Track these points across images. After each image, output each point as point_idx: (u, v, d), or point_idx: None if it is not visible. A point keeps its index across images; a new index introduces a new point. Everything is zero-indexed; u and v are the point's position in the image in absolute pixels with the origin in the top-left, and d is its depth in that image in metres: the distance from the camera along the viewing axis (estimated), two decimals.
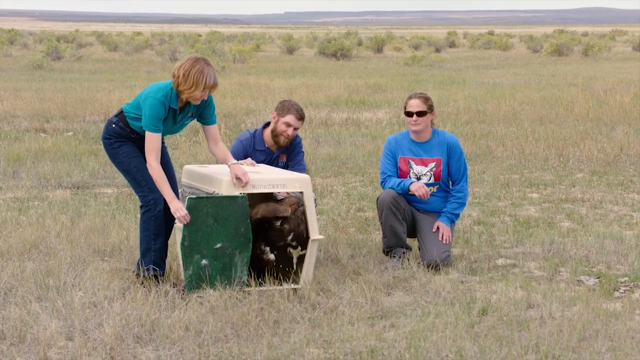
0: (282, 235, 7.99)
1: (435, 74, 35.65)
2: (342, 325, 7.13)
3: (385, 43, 66.71)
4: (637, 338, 6.86)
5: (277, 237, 7.96)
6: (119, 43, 67.31)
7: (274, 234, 7.95)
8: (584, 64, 44.60)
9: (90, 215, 10.60)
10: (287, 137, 9.05)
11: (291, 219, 7.94)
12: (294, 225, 7.98)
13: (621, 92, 25.14)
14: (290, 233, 7.94)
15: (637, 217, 11.21)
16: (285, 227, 7.79)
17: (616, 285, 8.35)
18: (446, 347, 6.64)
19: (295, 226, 7.96)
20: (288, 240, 8.00)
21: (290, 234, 7.95)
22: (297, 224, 7.97)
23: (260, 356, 6.44)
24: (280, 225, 7.77)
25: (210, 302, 7.47)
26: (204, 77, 7.76)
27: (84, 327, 6.97)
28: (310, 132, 18.14)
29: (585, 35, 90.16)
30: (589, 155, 15.48)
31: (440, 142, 9.29)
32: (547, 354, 6.53)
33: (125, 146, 8.07)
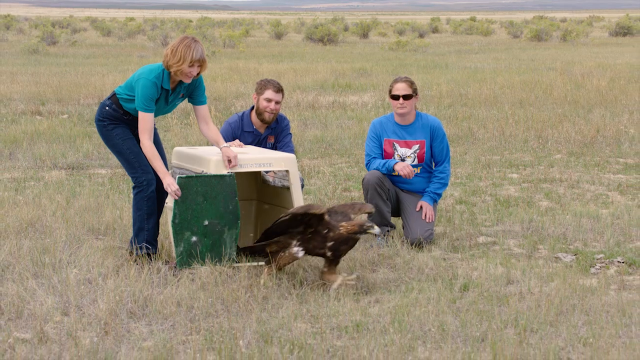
0: (324, 243, 7.62)
1: (419, 59, 35.62)
2: (329, 300, 7.15)
3: (370, 29, 66.58)
4: (612, 312, 6.89)
5: (318, 242, 7.62)
6: (112, 28, 67.12)
7: (316, 239, 7.61)
8: (562, 49, 44.61)
9: (84, 195, 10.60)
10: (271, 111, 9.08)
11: (341, 235, 7.60)
12: (338, 241, 7.63)
13: (598, 76, 25.15)
14: (329, 242, 7.60)
15: (612, 197, 11.24)
16: (329, 235, 7.64)
17: (592, 261, 8.38)
18: (429, 321, 6.66)
19: (338, 243, 7.63)
20: (325, 250, 7.65)
21: (329, 243, 7.61)
22: (341, 241, 7.63)
23: (250, 331, 6.45)
24: (326, 233, 7.64)
25: (201, 278, 7.48)
26: (191, 51, 7.79)
27: (79, 303, 6.98)
28: (297, 115, 18.14)
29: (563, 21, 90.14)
30: (566, 137, 15.50)
31: (423, 125, 9.30)
32: (525, 327, 6.55)
33: (119, 128, 8.09)
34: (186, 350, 6.11)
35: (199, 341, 6.28)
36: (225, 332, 6.42)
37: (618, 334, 6.44)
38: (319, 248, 7.53)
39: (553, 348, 6.15)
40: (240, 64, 30.08)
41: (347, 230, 7.44)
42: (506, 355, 5.96)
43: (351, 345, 6.18)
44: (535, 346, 6.21)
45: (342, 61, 33.20)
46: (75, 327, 6.49)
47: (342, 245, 7.53)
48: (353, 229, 7.46)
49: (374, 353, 6.01)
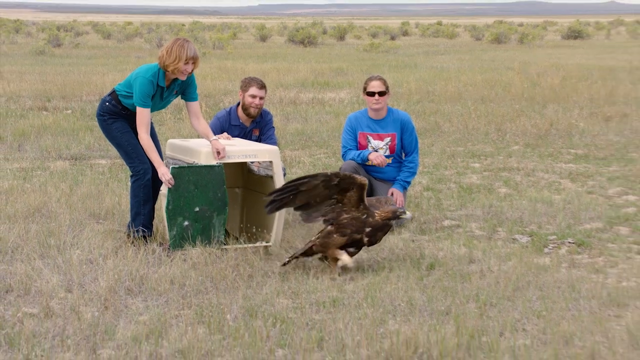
0: (363, 229, 7.47)
1: (391, 59, 35.62)
2: (308, 278, 7.15)
3: (346, 32, 66.59)
4: (563, 288, 6.91)
5: (357, 228, 7.47)
6: (112, 32, 66.86)
7: (355, 224, 7.44)
8: (519, 50, 44.66)
9: (86, 183, 10.56)
10: (256, 106, 9.10)
11: (377, 222, 7.50)
12: (375, 227, 7.50)
13: (552, 75, 25.19)
14: (367, 228, 7.47)
15: (564, 184, 11.27)
16: (368, 221, 7.56)
17: (546, 242, 8.40)
18: (398, 297, 6.67)
19: (375, 230, 7.49)
20: (362, 235, 7.50)
21: (367, 229, 7.47)
22: (377, 228, 7.51)
23: (236, 306, 6.45)
24: (365, 219, 7.56)
25: (192, 259, 7.48)
26: (185, 50, 7.82)
27: (81, 281, 6.96)
28: (280, 110, 18.13)
29: (521, 25, 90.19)
30: (523, 130, 15.54)
31: (394, 119, 9.32)
32: (485, 302, 6.57)
33: (118, 122, 8.08)
34: (178, 324, 6.10)
35: (190, 315, 6.28)
36: (214, 307, 6.42)
37: (568, 307, 6.46)
38: (356, 232, 7.41)
39: (510, 320, 6.18)
40: (228, 64, 30.02)
41: (381, 217, 7.43)
42: (468, 327, 5.97)
43: (328, 319, 6.18)
44: (494, 318, 6.23)
45: (321, 61, 33.17)
46: (78, 302, 6.48)
47: (378, 232, 7.49)
48: (387, 215, 7.45)
49: (349, 326, 6.02)
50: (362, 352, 5.58)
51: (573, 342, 5.78)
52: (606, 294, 6.74)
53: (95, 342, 5.77)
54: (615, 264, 7.75)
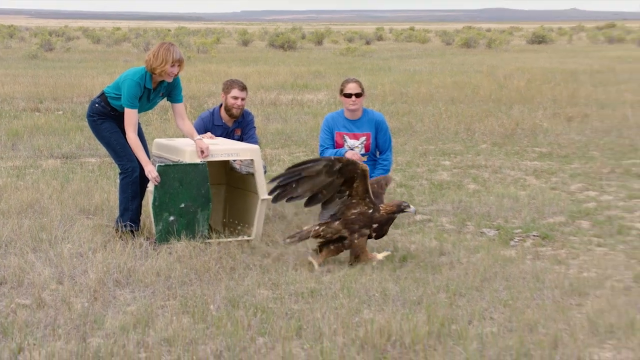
0: (370, 224, 7.39)
1: (366, 63, 35.64)
2: (288, 270, 7.14)
3: (324, 37, 66.52)
4: (528, 278, 6.93)
5: (364, 223, 7.36)
6: (101, 37, 66.64)
7: (363, 219, 7.35)
8: (487, 54, 44.79)
9: (77, 181, 10.53)
10: (238, 107, 9.11)
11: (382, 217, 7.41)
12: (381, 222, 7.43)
13: (518, 78, 25.27)
14: (374, 224, 7.40)
15: (529, 180, 11.31)
16: (375, 216, 7.49)
17: (512, 235, 8.42)
18: (373, 287, 6.68)
19: (381, 225, 7.43)
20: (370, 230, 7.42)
21: (374, 225, 7.41)
22: (384, 222, 7.45)
23: (219, 297, 6.43)
24: (372, 213, 7.49)
25: (177, 252, 7.46)
26: (171, 53, 7.84)
27: (72, 273, 6.94)
28: (261, 111, 18.12)
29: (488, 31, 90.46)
30: (491, 130, 15.58)
31: (369, 119, 9.32)
32: (455, 292, 6.58)
33: (107, 123, 8.06)
34: (164, 314, 6.09)
35: (176, 306, 6.26)
36: (198, 298, 6.41)
37: (532, 297, 6.48)
38: (364, 227, 7.34)
39: (478, 309, 6.19)
40: (212, 67, 29.97)
41: (386, 211, 7.38)
42: (438, 315, 5.98)
43: (306, 309, 6.18)
44: (463, 307, 6.24)
45: (299, 65, 33.15)
46: (69, 294, 6.46)
47: (384, 226, 7.44)
48: (392, 209, 7.40)
49: (326, 315, 6.02)
50: (339, 339, 5.58)
51: (537, 329, 5.80)
52: (568, 284, 6.77)
53: (85, 331, 5.76)
54: (576, 256, 7.78)
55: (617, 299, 6.43)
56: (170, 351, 5.41)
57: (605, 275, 7.10)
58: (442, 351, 5.42)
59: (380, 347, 5.47)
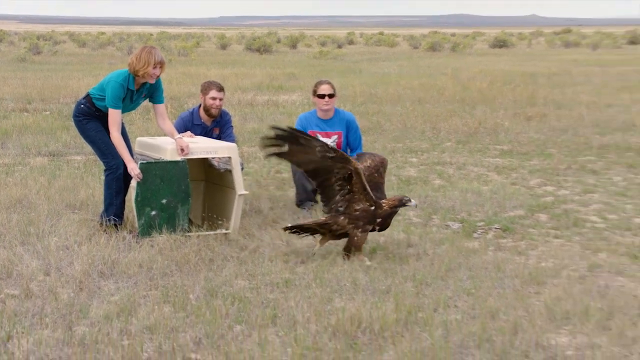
0: (374, 219, 7.30)
1: (338, 65, 35.64)
2: (263, 262, 7.13)
3: (298, 41, 66.50)
4: (490, 268, 6.96)
5: (368, 219, 7.27)
6: (87, 41, 66.28)
7: (366, 216, 7.25)
8: (452, 58, 44.89)
9: (63, 177, 10.48)
10: (217, 107, 9.11)
11: (385, 211, 7.33)
12: (384, 216, 7.35)
13: (480, 80, 25.34)
14: (378, 218, 7.32)
15: (491, 176, 11.35)
16: (378, 212, 7.44)
17: (475, 228, 8.45)
18: (344, 277, 6.68)
19: (384, 218, 7.35)
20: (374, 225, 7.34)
21: (378, 220, 7.32)
22: (386, 216, 7.36)
23: (199, 287, 6.42)
24: (374, 210, 7.43)
25: (158, 245, 7.44)
26: (152, 56, 7.83)
27: (58, 265, 6.91)
28: (239, 111, 18.08)
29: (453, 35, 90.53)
30: (455, 128, 15.62)
31: (341, 119, 9.32)
32: (421, 281, 6.59)
33: (92, 122, 8.03)
34: (146, 303, 6.07)
35: (157, 295, 6.24)
36: (179, 288, 6.39)
37: (494, 286, 6.51)
38: (368, 223, 7.27)
39: (443, 297, 6.21)
40: (192, 70, 29.88)
41: (389, 205, 7.30)
42: (406, 304, 5.99)
43: (281, 298, 6.18)
44: (429, 296, 6.26)
45: (275, 67, 33.11)
46: (55, 284, 6.44)
47: (387, 219, 7.37)
48: (394, 203, 7.32)
49: (299, 304, 6.02)
50: (312, 327, 5.58)
51: (498, 316, 5.82)
52: (527, 274, 6.80)
53: (71, 320, 5.74)
54: (535, 247, 7.82)
55: (573, 288, 6.47)
56: (152, 338, 5.40)
57: (562, 265, 7.14)
58: (409, 337, 5.43)
59: (351, 334, 5.47)
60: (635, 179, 11.12)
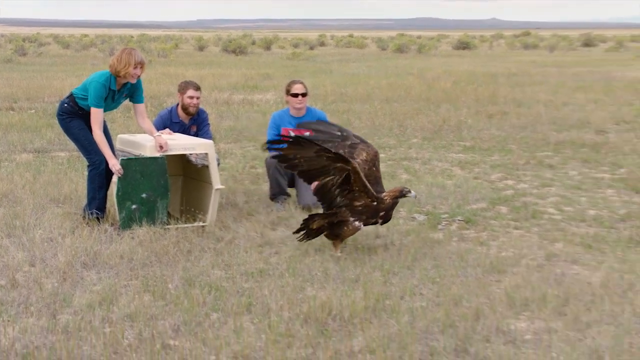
0: (377, 213, 7.20)
1: (310, 66, 35.60)
2: (239, 252, 7.12)
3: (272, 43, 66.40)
4: (453, 258, 6.98)
5: (371, 214, 7.16)
6: (71, 43, 65.81)
7: (369, 211, 7.14)
8: (418, 59, 44.97)
9: (48, 173, 10.41)
10: (194, 105, 9.09)
11: (387, 204, 7.20)
12: (386, 209, 7.22)
13: (444, 80, 25.41)
14: (381, 212, 7.19)
15: (455, 171, 11.38)
16: (380, 207, 7.39)
17: (439, 220, 8.47)
18: (315, 267, 6.68)
19: (387, 210, 7.22)
20: (377, 219, 7.23)
21: (381, 213, 7.21)
22: (389, 208, 7.23)
23: (177, 277, 6.40)
24: (377, 205, 7.37)
25: (139, 237, 7.41)
26: (133, 56, 7.82)
27: (43, 257, 6.86)
28: (215, 109, 18.01)
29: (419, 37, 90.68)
30: (421, 126, 15.65)
31: (312, 116, 9.31)
32: (389, 271, 6.61)
33: (75, 121, 7.99)
34: (127, 292, 6.04)
35: (137, 285, 6.22)
36: (158, 278, 6.37)
37: (457, 274, 6.53)
38: (371, 218, 7.17)
39: (409, 286, 6.22)
40: (170, 70, 29.75)
41: (390, 196, 7.20)
42: (374, 292, 6.00)
43: (256, 287, 6.18)
44: (396, 285, 6.27)
45: (250, 68, 33.03)
46: (40, 275, 6.40)
47: (389, 211, 7.26)
48: (395, 194, 7.21)
49: (273, 292, 6.01)
50: (285, 314, 5.58)
51: (461, 303, 5.84)
52: (489, 263, 6.83)
53: (55, 308, 5.71)
54: (496, 238, 7.85)
55: (531, 276, 6.50)
56: (133, 326, 5.37)
57: (521, 254, 7.17)
58: (378, 324, 5.44)
59: (322, 321, 5.47)
60: (590, 173, 11.19)
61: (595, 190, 10.12)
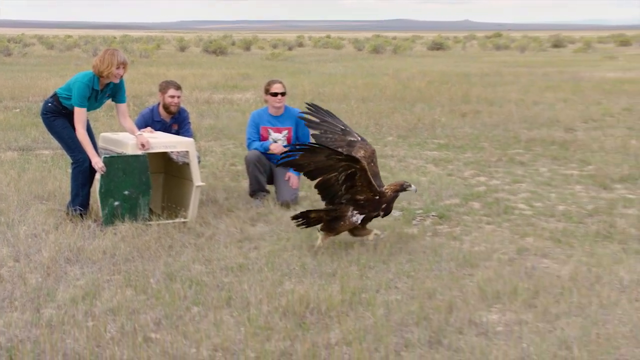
0: (379, 206, 7.17)
1: (288, 66, 35.57)
2: (219, 248, 7.11)
3: (252, 43, 66.23)
4: (427, 252, 6.99)
5: (373, 207, 7.14)
6: (55, 43, 65.42)
7: (371, 204, 7.12)
8: (393, 59, 45.03)
9: (32, 170, 10.35)
10: (176, 104, 9.07)
11: (388, 197, 7.19)
12: (387, 201, 7.21)
13: (419, 80, 25.46)
14: (383, 205, 7.18)
15: (429, 168, 11.40)
16: (382, 200, 7.19)
17: (414, 216, 8.48)
18: (294, 262, 6.68)
19: (388, 203, 7.21)
20: (379, 212, 7.22)
21: (383, 206, 7.19)
22: (390, 201, 7.22)
23: (159, 271, 6.38)
24: (379, 199, 7.38)
25: (121, 232, 7.38)
26: (115, 56, 7.80)
27: (27, 252, 6.82)
28: (196, 108, 17.97)
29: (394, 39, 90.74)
30: (396, 124, 15.66)
31: (290, 115, 9.31)
32: (365, 265, 6.61)
33: (59, 120, 7.96)
34: (110, 287, 6.02)
35: (120, 280, 6.19)
36: (140, 273, 6.35)
37: (431, 268, 6.54)
38: (374, 211, 7.15)
39: (385, 279, 6.23)
40: (152, 70, 29.63)
41: (392, 190, 7.20)
42: (350, 285, 6.01)
43: (235, 281, 6.16)
44: (372, 278, 6.27)
45: (230, 68, 32.96)
46: (24, 270, 6.36)
47: (390, 204, 7.25)
48: (396, 188, 7.22)
49: (252, 287, 6.00)
50: (264, 308, 5.58)
51: (435, 296, 5.85)
52: (462, 257, 6.85)
53: (39, 303, 5.68)
54: (469, 233, 7.86)
55: (503, 269, 6.52)
56: (115, 320, 5.35)
57: (493, 249, 7.20)
58: (354, 317, 5.44)
59: (300, 314, 5.47)
60: (559, 170, 11.25)
61: (565, 186, 10.17)
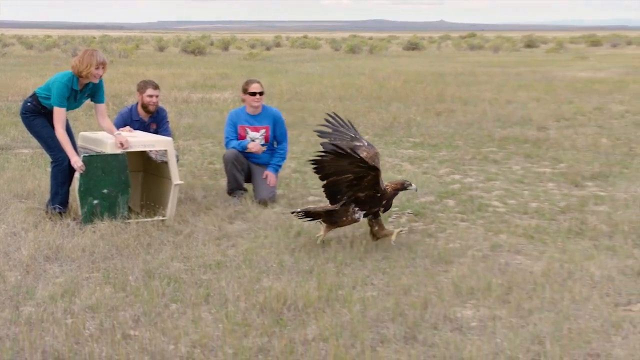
0: (381, 202, 7.15)
1: (266, 66, 35.53)
2: (197, 245, 7.08)
3: (230, 43, 66.11)
4: (403, 249, 7.00)
5: (375, 204, 7.11)
6: (34, 43, 65.00)
7: (373, 201, 7.08)
8: (369, 59, 45.08)
9: (11, 169, 10.29)
10: (154, 104, 9.05)
11: (389, 193, 7.19)
12: (387, 198, 7.20)
13: (395, 79, 25.50)
14: (384, 201, 7.16)
15: (405, 166, 11.41)
16: (384, 196, 7.21)
17: (390, 213, 8.48)
18: (271, 259, 6.67)
19: (388, 200, 7.20)
20: (379, 207, 7.20)
21: (384, 202, 7.17)
22: (390, 198, 7.22)
23: (137, 269, 6.34)
24: (380, 196, 7.30)
25: (100, 231, 7.34)
26: (94, 57, 7.76)
27: (6, 250, 6.78)
28: (175, 108, 17.91)
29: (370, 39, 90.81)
30: (373, 123, 15.69)
31: (268, 114, 9.29)
32: (341, 262, 6.61)
33: (38, 119, 7.93)
34: (89, 285, 5.98)
35: (99, 277, 6.16)
36: (119, 270, 6.32)
37: (407, 265, 6.55)
38: (375, 207, 7.13)
39: (361, 276, 6.23)
40: (132, 70, 29.51)
41: (392, 188, 7.19)
42: (327, 282, 6.00)
43: (214, 279, 6.15)
44: (348, 275, 6.27)
45: (208, 68, 32.87)
46: (4, 268, 6.32)
47: (390, 201, 7.24)
48: (397, 186, 7.23)
49: (230, 284, 5.99)
50: (242, 304, 5.57)
51: (411, 292, 5.86)
52: (437, 254, 6.86)
53: (18, 300, 5.64)
54: (443, 230, 7.88)
55: (477, 266, 6.54)
56: (94, 317, 5.32)
57: (467, 245, 7.22)
58: (331, 313, 5.44)
59: (277, 310, 5.46)
60: (532, 168, 11.30)
61: (537, 183, 10.22)
